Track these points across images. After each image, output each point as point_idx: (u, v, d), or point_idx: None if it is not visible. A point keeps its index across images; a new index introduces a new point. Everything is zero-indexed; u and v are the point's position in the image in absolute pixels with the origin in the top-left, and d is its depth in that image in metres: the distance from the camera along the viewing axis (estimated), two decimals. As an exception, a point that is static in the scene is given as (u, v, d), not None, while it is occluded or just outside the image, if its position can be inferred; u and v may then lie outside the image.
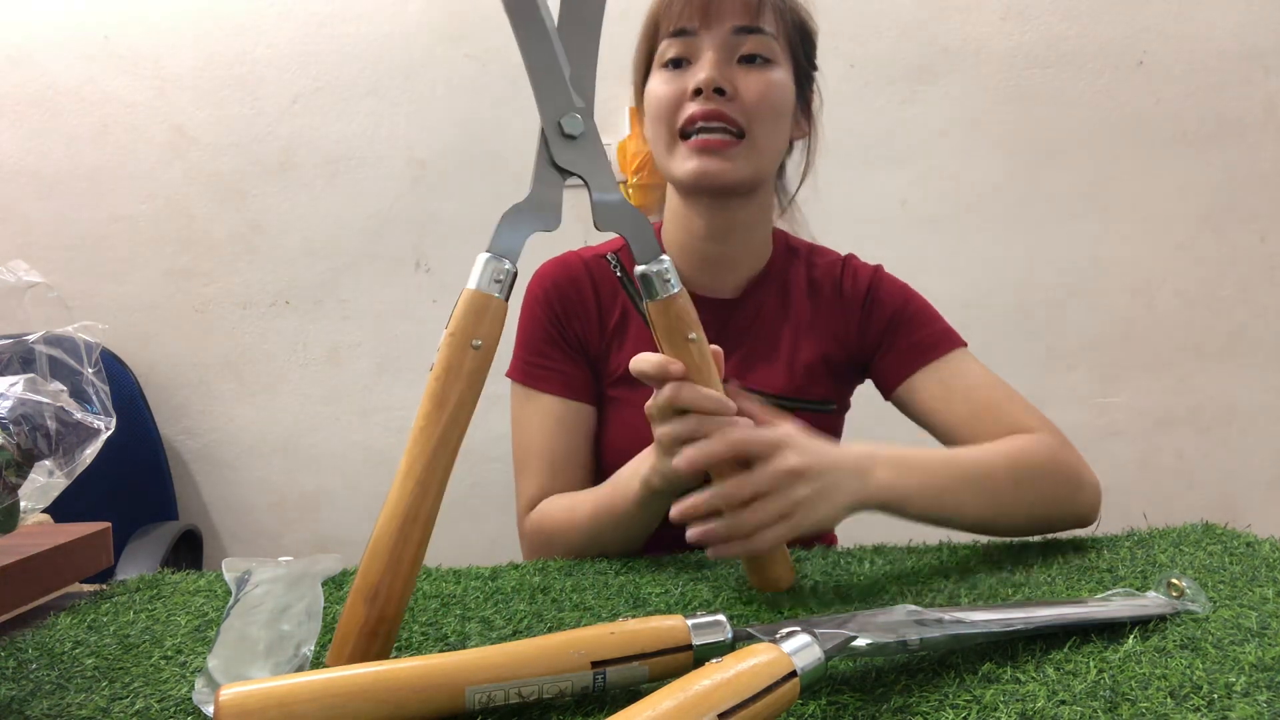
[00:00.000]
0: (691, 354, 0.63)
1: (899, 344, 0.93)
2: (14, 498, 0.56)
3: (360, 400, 1.96)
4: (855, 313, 0.96)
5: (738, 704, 0.39)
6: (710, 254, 0.93)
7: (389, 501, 0.53)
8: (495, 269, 0.56)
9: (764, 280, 0.96)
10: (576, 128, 0.60)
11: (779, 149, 0.90)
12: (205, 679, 0.51)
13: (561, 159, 0.60)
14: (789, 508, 0.62)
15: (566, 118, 0.60)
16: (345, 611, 0.53)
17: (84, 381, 0.63)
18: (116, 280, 1.94)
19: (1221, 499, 1.94)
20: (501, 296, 0.56)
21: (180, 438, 1.98)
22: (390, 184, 1.92)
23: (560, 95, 0.60)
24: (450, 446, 0.54)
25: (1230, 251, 1.90)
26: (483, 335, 0.55)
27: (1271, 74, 1.86)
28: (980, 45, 1.86)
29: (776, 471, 0.62)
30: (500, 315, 0.56)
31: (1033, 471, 0.79)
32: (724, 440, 0.62)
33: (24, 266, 0.68)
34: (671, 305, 0.62)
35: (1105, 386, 1.92)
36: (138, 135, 1.91)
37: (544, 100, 0.60)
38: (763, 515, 0.62)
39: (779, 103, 0.86)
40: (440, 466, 0.54)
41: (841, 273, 0.98)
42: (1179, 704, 0.45)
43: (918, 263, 1.12)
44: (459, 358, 0.54)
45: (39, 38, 1.89)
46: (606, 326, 0.95)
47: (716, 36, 0.84)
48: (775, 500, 0.62)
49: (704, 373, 0.64)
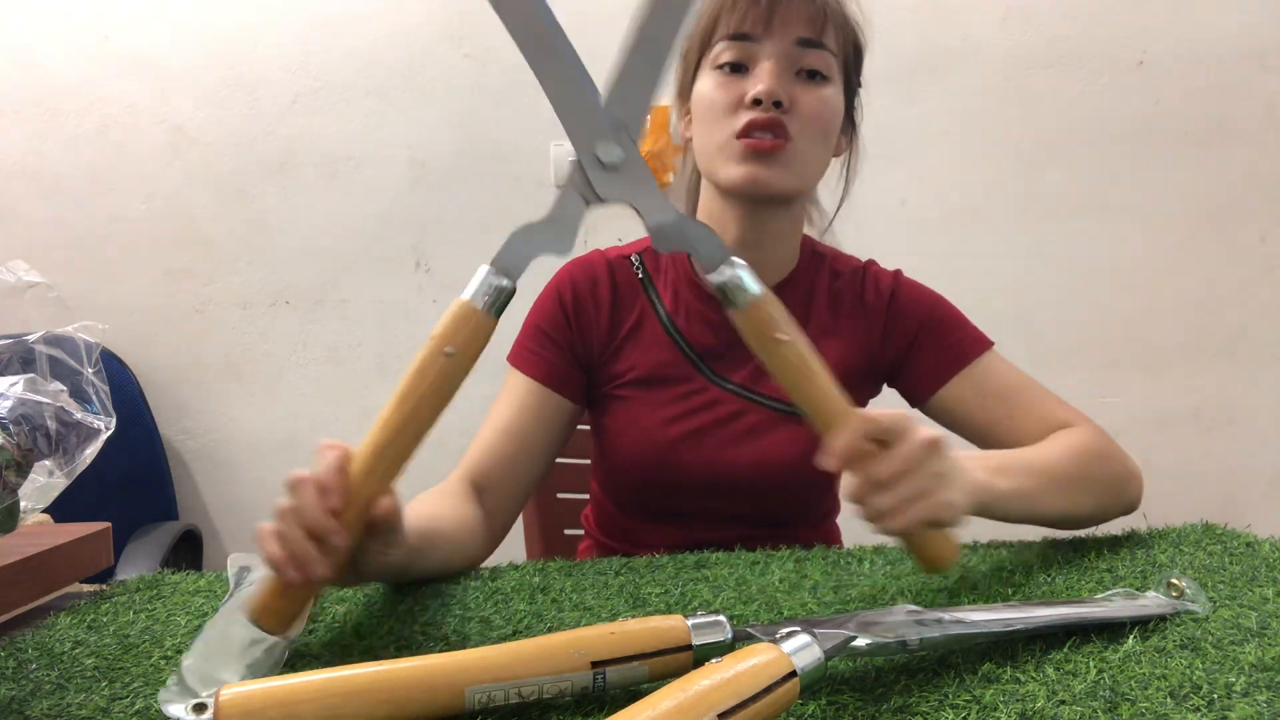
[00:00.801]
0: (787, 357, 0.60)
1: (929, 353, 0.92)
2: (14, 498, 0.56)
3: (360, 400, 1.96)
4: (878, 321, 0.95)
5: (738, 704, 0.39)
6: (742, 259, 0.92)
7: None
8: (491, 285, 0.55)
9: (789, 286, 0.95)
10: (614, 155, 0.58)
11: (823, 166, 0.90)
12: (178, 678, 0.51)
13: (604, 191, 0.58)
14: (928, 482, 0.61)
15: (601, 146, 0.57)
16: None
17: (84, 381, 0.63)
18: (116, 280, 1.94)
19: (1221, 499, 1.94)
20: (489, 313, 0.55)
21: (180, 438, 1.99)
22: (390, 184, 1.92)
23: (589, 122, 0.57)
24: (403, 442, 0.54)
25: (1230, 251, 1.90)
26: (459, 345, 0.55)
27: (1271, 74, 1.86)
28: (980, 45, 1.86)
29: (914, 445, 0.60)
30: (483, 331, 0.55)
31: (1093, 465, 0.80)
32: (860, 421, 0.60)
33: (24, 266, 0.68)
34: (755, 312, 0.59)
35: (1105, 386, 1.92)
36: (138, 135, 1.91)
37: (573, 129, 0.57)
38: (904, 492, 0.60)
39: (830, 122, 0.86)
40: (387, 457, 0.54)
41: (863, 280, 0.97)
42: (1179, 704, 0.45)
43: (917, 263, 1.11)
44: (431, 361, 0.55)
45: (39, 38, 1.89)
46: (620, 327, 0.94)
47: (779, 46, 0.82)
48: (914, 476, 0.61)
49: (804, 373, 0.60)
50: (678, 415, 0.91)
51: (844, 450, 0.60)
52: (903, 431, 0.61)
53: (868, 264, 0.99)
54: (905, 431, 0.61)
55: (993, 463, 0.73)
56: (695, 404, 0.91)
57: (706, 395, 0.92)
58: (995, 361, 0.91)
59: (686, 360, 0.92)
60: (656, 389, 0.92)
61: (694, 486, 0.91)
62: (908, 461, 0.60)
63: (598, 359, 0.94)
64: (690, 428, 0.91)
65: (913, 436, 0.61)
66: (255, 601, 0.55)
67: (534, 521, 1.27)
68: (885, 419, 0.61)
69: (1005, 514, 0.72)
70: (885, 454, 0.60)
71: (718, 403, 0.91)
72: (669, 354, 0.92)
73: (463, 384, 0.56)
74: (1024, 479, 0.73)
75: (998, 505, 0.70)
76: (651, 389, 0.92)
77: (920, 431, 0.61)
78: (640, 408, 0.92)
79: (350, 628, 0.63)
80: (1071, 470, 0.78)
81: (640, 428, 0.92)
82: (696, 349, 0.92)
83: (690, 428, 0.91)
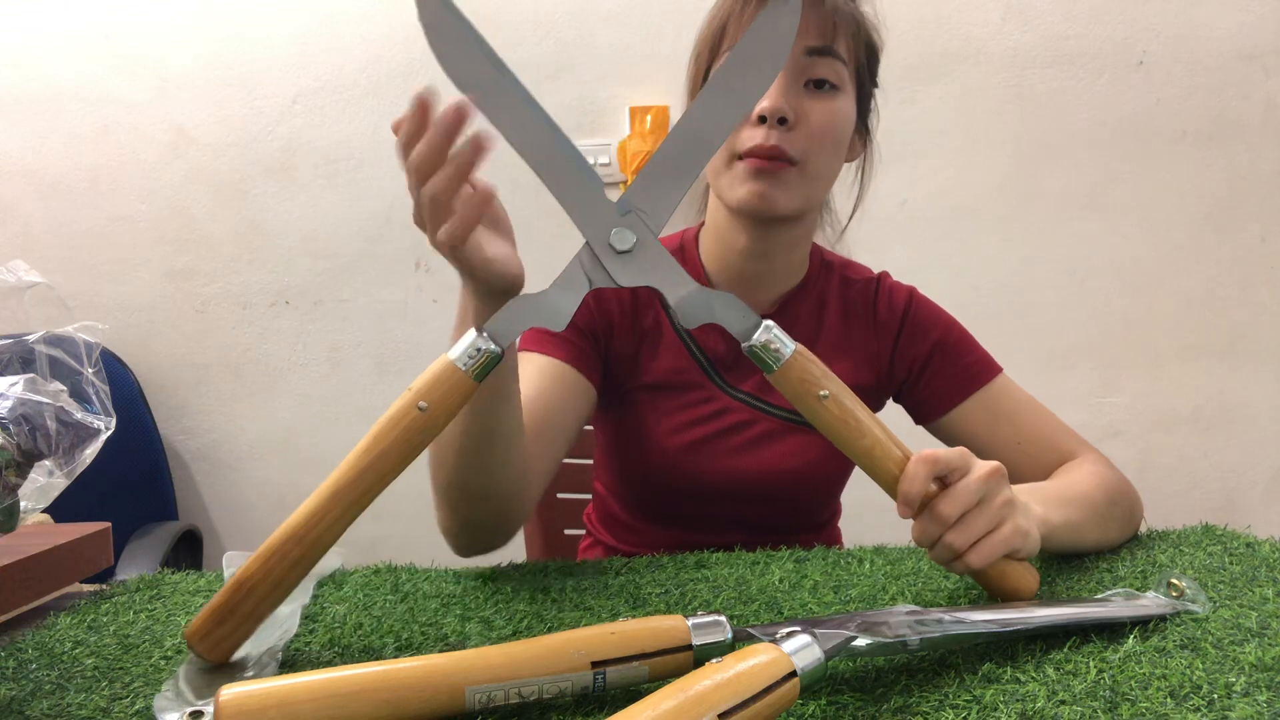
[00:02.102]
0: (832, 411, 0.59)
1: (942, 375, 0.92)
2: (14, 498, 0.56)
3: (360, 400, 1.96)
4: (889, 337, 0.94)
5: (738, 704, 0.39)
6: (749, 271, 0.91)
7: (292, 514, 0.54)
8: (477, 349, 0.55)
9: (799, 296, 0.94)
10: (627, 241, 0.58)
11: (832, 177, 0.88)
12: (173, 685, 0.51)
13: (620, 276, 0.58)
14: (1002, 513, 0.60)
15: (616, 234, 0.58)
16: (220, 591, 0.54)
17: (84, 381, 0.63)
18: (116, 280, 1.95)
19: (1221, 499, 1.94)
20: (471, 375, 0.55)
21: (180, 438, 1.98)
22: (390, 184, 1.91)
23: (599, 210, 0.58)
24: (361, 488, 0.54)
25: (1230, 251, 1.90)
26: (433, 402, 0.54)
27: (1271, 74, 1.86)
28: (980, 45, 1.86)
29: (980, 478, 0.59)
30: (461, 391, 0.55)
31: (1116, 495, 0.80)
32: (923, 465, 0.59)
33: (24, 266, 0.68)
34: (790, 372, 0.59)
35: (1105, 386, 1.92)
36: (138, 135, 1.91)
37: (582, 220, 0.58)
38: (978, 527, 0.59)
39: (840, 135, 0.84)
40: (342, 503, 0.54)
41: (876, 294, 0.96)
42: (1179, 704, 0.45)
43: (917, 262, 1.12)
44: (403, 412, 0.54)
45: (39, 38, 1.89)
46: (638, 331, 0.93)
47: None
48: (985, 510, 0.60)
49: (852, 426, 0.59)
50: (688, 422, 0.91)
51: (917, 497, 0.59)
52: (966, 466, 0.60)
53: (881, 276, 0.98)
54: (969, 466, 0.60)
55: (1038, 495, 0.70)
56: (705, 411, 0.91)
57: (717, 403, 0.92)
58: (1005, 385, 0.91)
59: (699, 368, 0.92)
60: (669, 395, 0.92)
61: (701, 493, 0.92)
62: (976, 495, 0.59)
63: (615, 357, 0.94)
64: (700, 435, 0.91)
65: (977, 469, 0.60)
66: (192, 626, 0.54)
67: (534, 521, 1.27)
68: (946, 457, 0.59)
69: (1053, 547, 0.70)
70: (950, 491, 0.59)
71: (728, 411, 0.91)
72: (682, 361, 0.92)
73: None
74: (1070, 512, 0.72)
75: (1053, 538, 0.68)
76: (664, 395, 0.92)
77: (983, 464, 0.60)
78: (652, 413, 0.92)
79: (350, 628, 0.63)
80: (1102, 502, 0.77)
81: (651, 433, 0.91)
82: (709, 357, 0.92)
83: (700, 435, 0.91)
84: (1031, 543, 0.63)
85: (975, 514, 0.59)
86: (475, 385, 0.56)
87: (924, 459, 0.59)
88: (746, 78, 0.61)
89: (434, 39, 0.58)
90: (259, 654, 0.57)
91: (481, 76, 0.58)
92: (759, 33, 0.61)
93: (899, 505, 0.60)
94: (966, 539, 0.59)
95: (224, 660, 0.55)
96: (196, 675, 0.53)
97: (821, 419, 0.60)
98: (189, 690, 0.50)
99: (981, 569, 0.60)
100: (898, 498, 0.60)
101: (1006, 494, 0.61)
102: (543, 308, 0.58)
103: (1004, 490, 0.61)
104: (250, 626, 0.55)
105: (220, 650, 0.54)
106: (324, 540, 0.54)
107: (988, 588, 0.63)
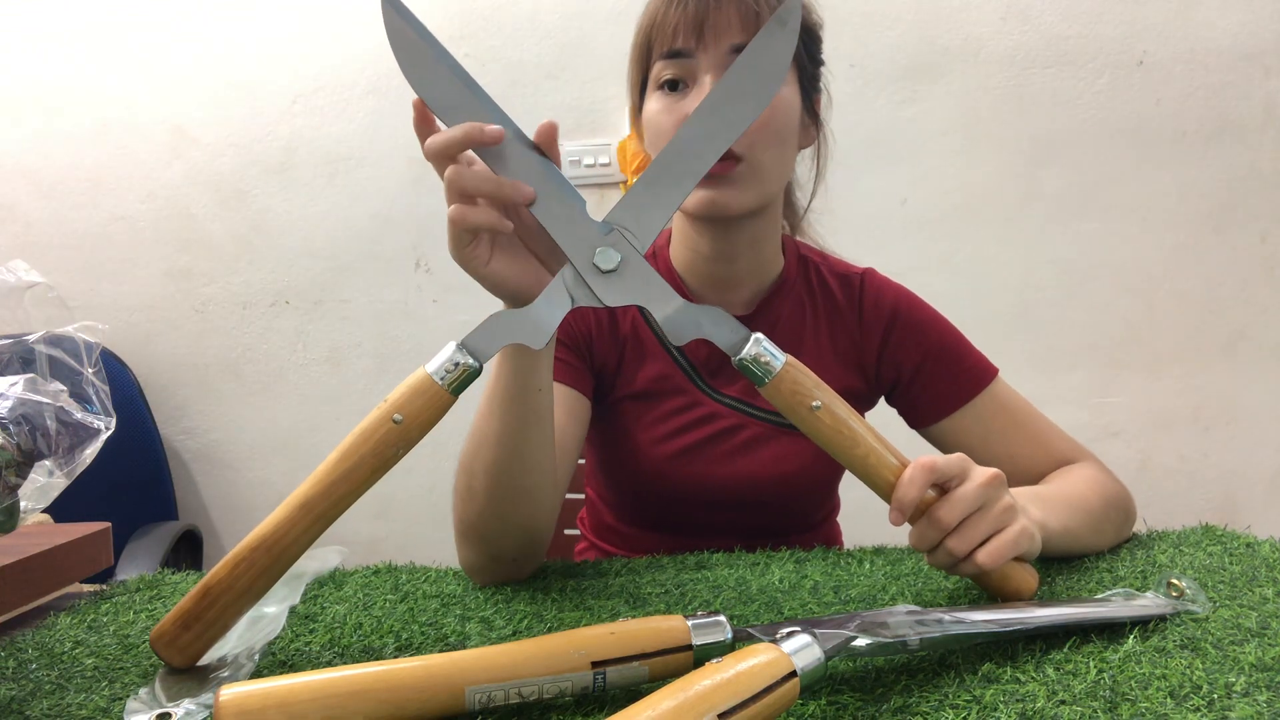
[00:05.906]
0: (825, 422, 0.59)
1: (936, 382, 0.90)
2: (14, 498, 0.56)
3: (360, 400, 1.96)
4: (875, 338, 0.92)
5: (738, 704, 0.39)
6: (717, 274, 0.90)
7: (261, 522, 0.54)
8: (454, 363, 0.55)
9: (778, 294, 0.92)
10: (611, 260, 0.58)
11: (784, 170, 0.86)
12: (150, 689, 0.51)
13: (606, 295, 0.58)
14: (1003, 517, 0.60)
15: (599, 254, 0.58)
16: (186, 596, 0.54)
17: (84, 381, 0.63)
18: (116, 280, 1.95)
19: (1221, 499, 1.94)
20: (448, 389, 0.55)
21: (180, 438, 1.99)
22: (390, 184, 1.92)
23: (583, 232, 0.59)
24: (332, 499, 0.54)
25: (1230, 251, 1.90)
26: (408, 415, 0.54)
27: (1271, 74, 1.86)
28: (980, 45, 1.86)
29: (979, 483, 0.60)
30: (437, 405, 0.54)
31: (1111, 500, 0.80)
32: (921, 472, 0.59)
33: (24, 266, 0.68)
34: (782, 385, 0.59)
35: (1105, 386, 1.92)
36: (138, 135, 1.91)
37: (567, 242, 0.58)
38: (979, 531, 0.60)
39: (782, 126, 0.82)
40: (312, 513, 0.54)
41: (861, 292, 0.94)
42: (1179, 704, 0.45)
43: (918, 262, 1.12)
44: (378, 424, 0.54)
45: (39, 38, 1.89)
46: (619, 339, 0.92)
47: (714, 58, 0.79)
48: (985, 514, 0.60)
49: (846, 436, 0.60)
50: (675, 430, 0.90)
51: (912, 504, 0.59)
52: (965, 473, 0.60)
53: (866, 274, 0.95)
54: (968, 472, 0.60)
55: (1035, 500, 0.71)
56: (692, 418, 0.90)
57: (704, 409, 0.90)
58: (1001, 391, 0.90)
59: (683, 374, 0.91)
60: (654, 403, 0.91)
61: (693, 500, 0.91)
62: (976, 501, 0.59)
63: (598, 368, 0.93)
64: (689, 442, 0.90)
65: (976, 475, 0.60)
66: (158, 630, 0.54)
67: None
68: (945, 464, 0.60)
69: (1048, 551, 0.70)
70: (949, 497, 0.59)
71: (715, 416, 0.90)
72: (666, 368, 0.91)
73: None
74: (1066, 516, 0.72)
75: (1049, 543, 0.68)
76: (649, 403, 0.91)
77: (982, 470, 0.61)
78: (638, 422, 0.91)
79: (350, 628, 0.63)
80: (1098, 507, 0.77)
81: (639, 442, 0.90)
82: (692, 362, 0.91)
83: (689, 442, 0.90)
84: (1035, 544, 0.63)
85: (975, 519, 0.60)
86: (452, 399, 0.55)
87: (923, 466, 0.59)
88: (740, 100, 0.61)
89: (405, 62, 0.60)
90: (236, 654, 0.56)
91: (457, 98, 0.59)
92: (754, 55, 0.62)
93: (891, 512, 0.60)
94: (967, 544, 0.59)
95: (189, 665, 0.54)
96: (169, 677, 0.53)
97: (815, 430, 0.60)
98: (162, 693, 0.50)
99: (994, 569, 0.60)
100: (891, 503, 0.60)
101: (1007, 500, 0.61)
102: (524, 325, 0.57)
103: (1004, 496, 0.61)
104: (216, 633, 0.54)
105: (185, 655, 0.54)
106: (292, 550, 0.54)
107: (988, 588, 0.63)
